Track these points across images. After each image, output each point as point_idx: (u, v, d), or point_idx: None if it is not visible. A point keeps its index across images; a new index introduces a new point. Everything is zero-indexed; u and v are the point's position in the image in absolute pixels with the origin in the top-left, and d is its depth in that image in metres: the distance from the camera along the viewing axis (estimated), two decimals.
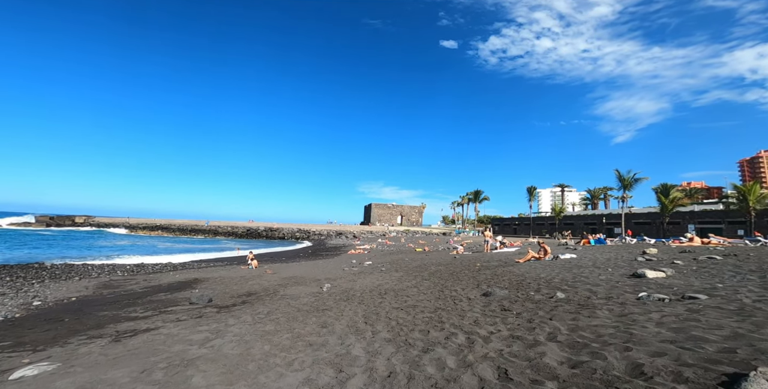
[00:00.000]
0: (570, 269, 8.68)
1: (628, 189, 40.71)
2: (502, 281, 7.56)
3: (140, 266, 17.77)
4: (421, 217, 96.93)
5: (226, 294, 9.13)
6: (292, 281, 10.95)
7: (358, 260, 18.52)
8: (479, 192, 76.98)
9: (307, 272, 13.63)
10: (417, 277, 9.69)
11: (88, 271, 15.16)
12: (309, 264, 17.57)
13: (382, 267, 13.41)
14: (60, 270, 14.96)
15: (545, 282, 6.99)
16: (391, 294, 7.02)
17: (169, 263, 19.61)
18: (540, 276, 7.86)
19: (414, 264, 13.78)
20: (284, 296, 8.12)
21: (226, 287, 10.47)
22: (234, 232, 60.79)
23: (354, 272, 12.45)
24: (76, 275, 13.88)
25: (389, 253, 23.93)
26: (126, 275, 14.84)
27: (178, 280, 12.63)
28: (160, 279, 13.07)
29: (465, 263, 12.85)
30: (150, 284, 11.80)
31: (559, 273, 8.16)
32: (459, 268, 11.20)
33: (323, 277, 11.34)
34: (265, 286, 10.17)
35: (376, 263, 15.51)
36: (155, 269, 16.50)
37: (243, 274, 13.85)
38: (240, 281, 11.55)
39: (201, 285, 11.00)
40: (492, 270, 9.91)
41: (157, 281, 12.53)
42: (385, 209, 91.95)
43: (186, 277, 13.40)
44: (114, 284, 12.04)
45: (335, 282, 9.73)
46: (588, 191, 73.86)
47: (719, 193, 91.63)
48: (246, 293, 9.02)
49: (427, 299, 6.24)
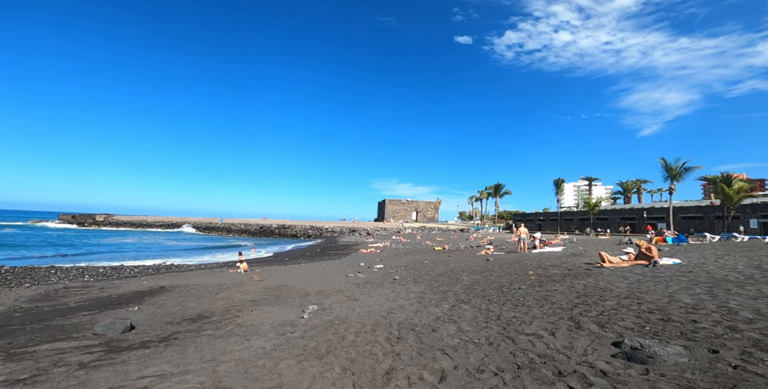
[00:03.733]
0: (716, 286, 5.35)
1: (677, 180, 35.78)
2: (622, 313, 4.32)
3: (117, 269, 15.46)
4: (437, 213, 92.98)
5: (170, 314, 6.35)
6: (273, 295, 8.07)
7: (367, 262, 15.54)
8: (500, 186, 72.36)
9: (299, 279, 10.76)
10: (448, 295, 6.57)
11: (49, 276, 12.88)
12: (308, 268, 14.74)
13: (395, 274, 10.36)
14: (14, 275, 12.73)
15: (721, 317, 3.73)
16: (410, 341, 3.92)
17: (154, 265, 17.30)
18: (684, 301, 4.59)
19: (438, 270, 10.64)
20: (241, 325, 5.21)
21: (184, 301, 7.72)
22: (247, 230, 59.45)
23: (358, 281, 9.45)
24: (27, 282, 11.58)
25: (404, 253, 20.82)
26: (90, 280, 12.46)
27: (138, 289, 10.02)
28: (120, 288, 10.52)
29: (507, 268, 9.61)
30: (97, 296, 9.22)
31: (712, 293, 4.85)
32: (504, 278, 7.99)
33: (315, 290, 8.39)
34: (233, 302, 7.34)
35: (389, 267, 12.48)
36: (130, 274, 14.10)
37: (224, 281, 11.15)
38: (210, 293, 8.80)
39: (155, 298, 8.30)
40: (564, 284, 6.64)
41: (112, 291, 9.98)
42: (400, 205, 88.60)
43: (152, 285, 10.81)
44: (55, 294, 9.54)
45: (326, 301, 6.74)
46: (620, 183, 68.03)
47: (762, 185, 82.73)
48: (197, 315, 6.19)
49: (492, 363, 3.11)
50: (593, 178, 76.00)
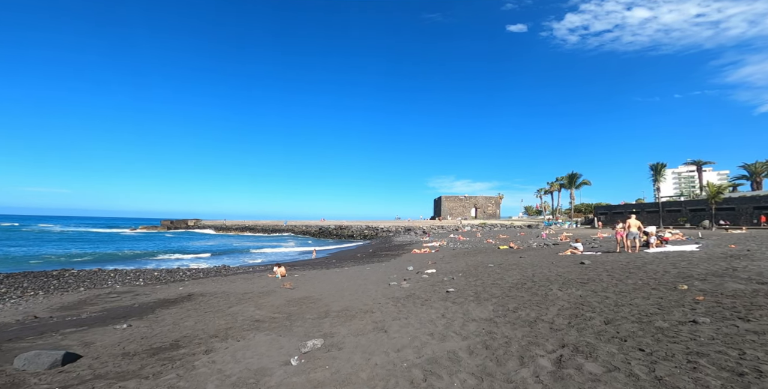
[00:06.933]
0: None
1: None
2: None
3: (173, 272, 15.68)
4: (499, 208, 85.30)
5: (146, 338, 4.92)
6: (287, 312, 6.29)
7: (417, 265, 13.20)
8: (575, 175, 62.95)
9: (331, 289, 8.93)
10: (539, 330, 3.95)
11: (107, 280, 13.28)
12: (350, 272, 12.97)
13: (449, 284, 7.87)
14: (76, 278, 13.36)
15: None
16: None
17: (206, 268, 17.42)
18: None
19: (510, 278, 7.82)
20: (194, 373, 3.41)
21: (187, 316, 6.41)
22: (308, 231, 61.68)
23: (399, 294, 7.20)
24: (82, 287, 11.89)
25: (463, 253, 17.89)
26: (140, 283, 12.48)
27: (167, 298, 9.26)
28: (154, 294, 9.97)
29: (625, 278, 6.41)
30: (120, 305, 8.60)
31: None
32: (631, 296, 4.98)
33: (339, 307, 6.39)
34: (235, 322, 5.74)
35: (442, 273, 9.98)
36: (181, 277, 14.00)
37: (253, 288, 9.93)
38: (225, 305, 7.46)
39: (168, 310, 7.21)
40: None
41: (144, 298, 9.40)
42: (457, 201, 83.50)
43: (185, 291, 10.06)
44: (86, 302, 9.23)
45: (341, 331, 4.64)
46: (745, 166, 53.73)
47: None
48: (172, 342, 4.64)
49: None
50: (703, 162, 61.77)
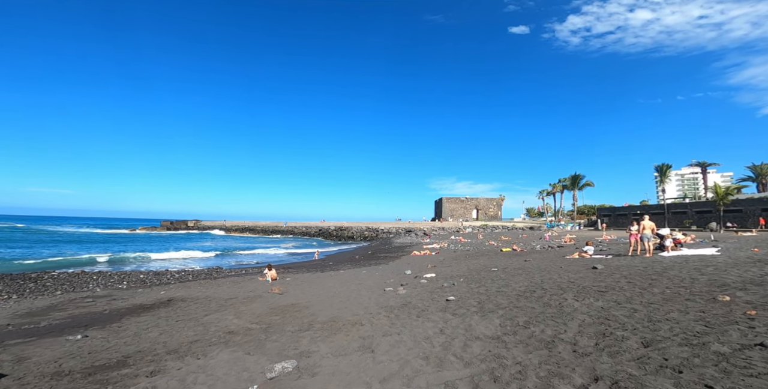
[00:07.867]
0: None
1: None
2: None
3: (160, 274, 14.97)
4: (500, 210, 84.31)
5: (94, 353, 4.23)
6: (266, 322, 5.57)
7: (416, 268, 12.45)
8: (578, 177, 62.07)
9: (322, 294, 8.21)
10: (558, 356, 3.21)
11: (88, 283, 12.58)
12: (345, 276, 12.24)
13: (450, 290, 7.14)
14: (55, 281, 12.65)
15: None
16: None
17: (196, 270, 16.72)
18: None
19: (516, 284, 7.07)
20: None
21: (155, 325, 5.70)
22: (308, 232, 61.00)
23: (394, 302, 6.47)
24: (59, 290, 11.18)
25: (464, 255, 17.12)
26: (123, 287, 11.77)
27: (143, 303, 8.55)
28: (132, 298, 9.26)
29: (648, 286, 5.67)
30: (90, 311, 7.88)
31: None
32: (663, 309, 4.24)
33: (326, 316, 5.67)
34: (206, 334, 5.03)
35: (443, 277, 9.24)
36: (168, 280, 13.29)
37: (239, 293, 9.22)
38: (203, 312, 6.76)
39: (137, 317, 6.49)
40: None
41: (119, 303, 8.70)
42: (458, 203, 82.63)
43: (166, 296, 9.35)
44: (55, 308, 8.51)
45: (320, 349, 3.91)
46: (751, 167, 52.83)
47: None
48: (119, 360, 3.93)
49: None
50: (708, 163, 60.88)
